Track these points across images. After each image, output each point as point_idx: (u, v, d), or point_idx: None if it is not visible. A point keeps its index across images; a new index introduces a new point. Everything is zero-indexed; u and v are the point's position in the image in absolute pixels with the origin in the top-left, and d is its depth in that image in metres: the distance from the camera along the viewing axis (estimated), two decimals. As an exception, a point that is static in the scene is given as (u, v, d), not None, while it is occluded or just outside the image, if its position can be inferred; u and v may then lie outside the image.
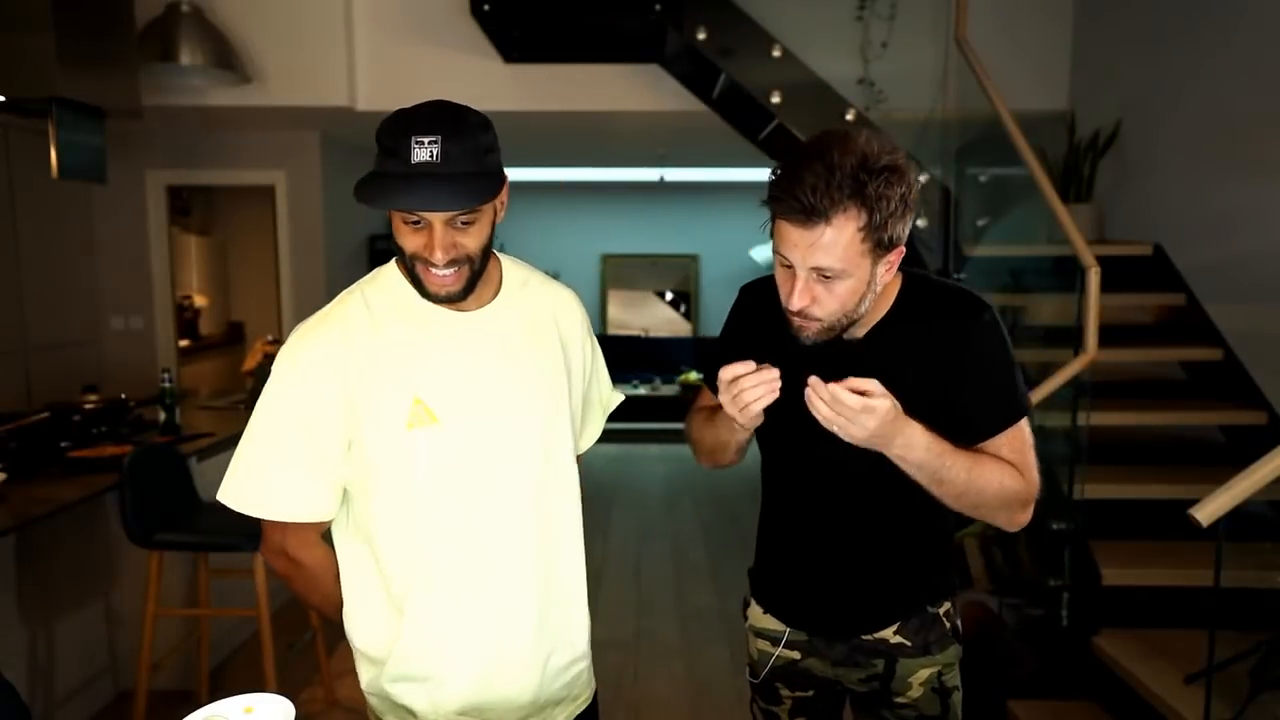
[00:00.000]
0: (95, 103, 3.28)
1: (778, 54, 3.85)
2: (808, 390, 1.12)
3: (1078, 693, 2.77)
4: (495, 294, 1.27)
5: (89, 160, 3.31)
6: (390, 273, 1.26)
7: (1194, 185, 3.63)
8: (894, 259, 1.20)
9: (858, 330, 1.28)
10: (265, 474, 1.18)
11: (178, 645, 2.95)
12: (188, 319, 6.64)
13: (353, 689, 3.07)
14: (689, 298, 9.19)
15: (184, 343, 6.07)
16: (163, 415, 3.17)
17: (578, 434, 1.37)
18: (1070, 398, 2.91)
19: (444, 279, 1.15)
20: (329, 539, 1.28)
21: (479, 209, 1.14)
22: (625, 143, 5.98)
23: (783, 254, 1.18)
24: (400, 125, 1.09)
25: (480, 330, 1.23)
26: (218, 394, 4.27)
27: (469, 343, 1.22)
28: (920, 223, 3.69)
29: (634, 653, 3.52)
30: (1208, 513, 2.00)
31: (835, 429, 1.12)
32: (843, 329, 1.23)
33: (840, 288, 1.17)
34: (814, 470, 1.36)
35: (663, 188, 8.35)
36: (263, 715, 0.97)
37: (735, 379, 1.16)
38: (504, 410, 1.23)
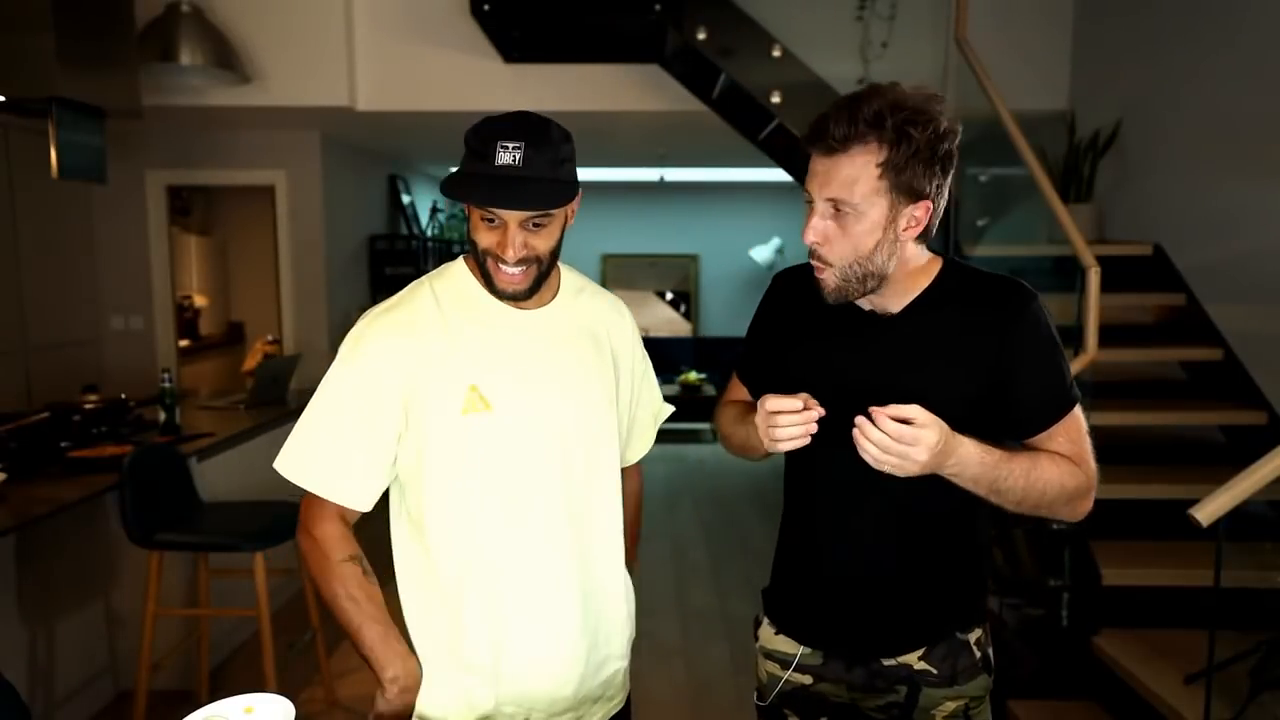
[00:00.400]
0: (95, 103, 3.28)
1: (778, 54, 3.85)
2: (855, 433, 1.08)
3: (1078, 693, 2.77)
4: (553, 297, 1.33)
5: (89, 160, 3.31)
6: (458, 268, 1.32)
7: (1194, 185, 3.63)
8: (920, 216, 1.17)
9: (892, 305, 1.24)
10: (315, 447, 1.24)
11: (178, 645, 2.95)
12: (188, 319, 6.64)
13: (353, 689, 3.09)
14: (689, 298, 9.18)
15: (184, 343, 6.07)
16: (163, 415, 3.17)
17: (624, 442, 1.41)
18: (1070, 398, 2.91)
19: (513, 276, 1.22)
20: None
21: (552, 213, 1.20)
22: (625, 143, 5.98)
23: (806, 189, 1.19)
24: (489, 131, 1.17)
25: (537, 328, 1.29)
26: (218, 394, 4.26)
27: (526, 338, 1.28)
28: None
29: (634, 653, 3.50)
30: (1208, 513, 2.00)
31: (887, 469, 1.08)
32: (861, 285, 1.19)
33: (855, 227, 1.15)
34: (843, 478, 1.26)
35: (663, 188, 8.36)
36: (263, 715, 0.97)
37: (775, 413, 1.15)
38: (553, 405, 1.27)
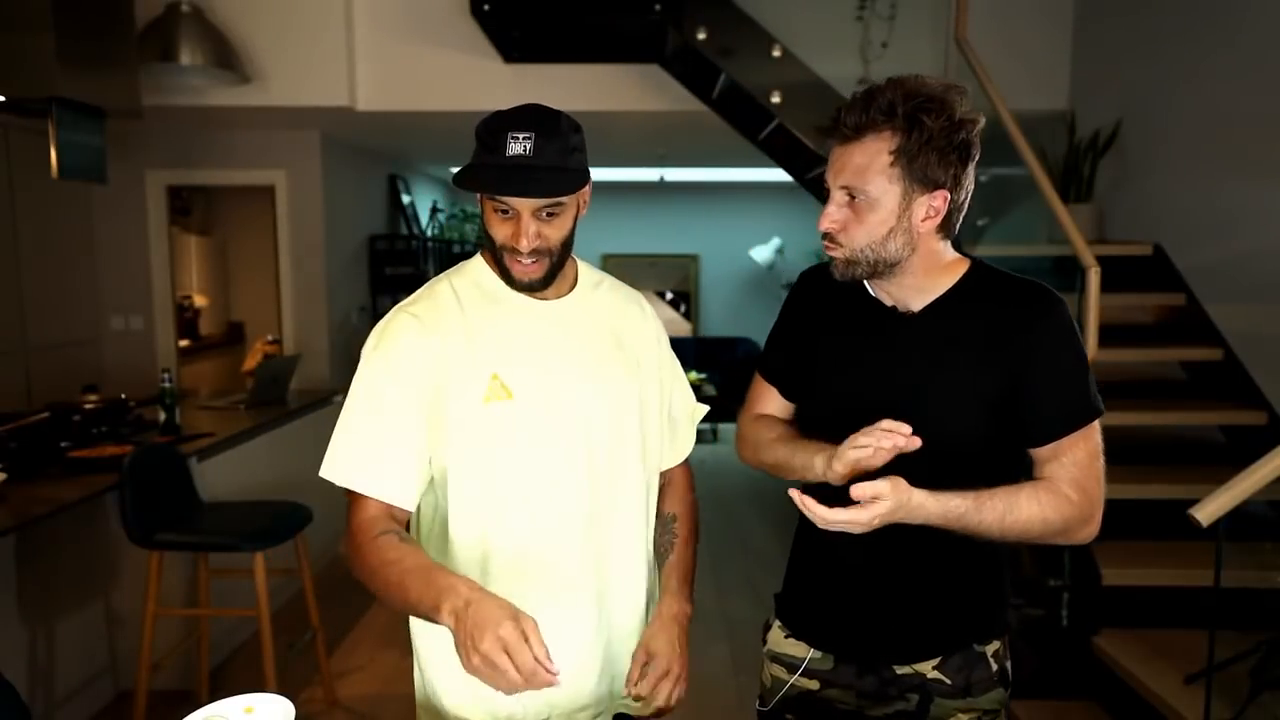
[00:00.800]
0: (95, 103, 3.28)
1: (778, 54, 3.85)
2: (797, 497, 1.12)
3: (1078, 693, 2.77)
4: (571, 288, 1.35)
5: (89, 160, 3.31)
6: (475, 263, 1.34)
7: (1194, 185, 3.63)
8: (938, 206, 1.16)
9: (915, 303, 1.24)
10: (350, 448, 1.24)
11: (178, 645, 2.95)
12: (188, 319, 6.64)
13: (353, 689, 3.09)
14: (689, 298, 9.18)
15: (184, 343, 6.07)
16: (163, 415, 3.17)
17: (651, 438, 1.37)
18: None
19: (527, 267, 1.23)
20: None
21: (563, 201, 1.22)
22: (625, 143, 5.98)
23: (826, 177, 1.22)
24: (499, 123, 1.19)
25: (556, 318, 1.31)
26: (218, 394, 4.26)
27: (545, 328, 1.29)
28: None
29: (634, 653, 3.51)
30: (1208, 513, 2.00)
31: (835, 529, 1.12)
32: (871, 269, 1.20)
33: (869, 215, 1.17)
34: (859, 475, 1.20)
35: (663, 188, 8.35)
36: (263, 715, 0.97)
37: (878, 428, 1.12)
38: (575, 393, 1.28)
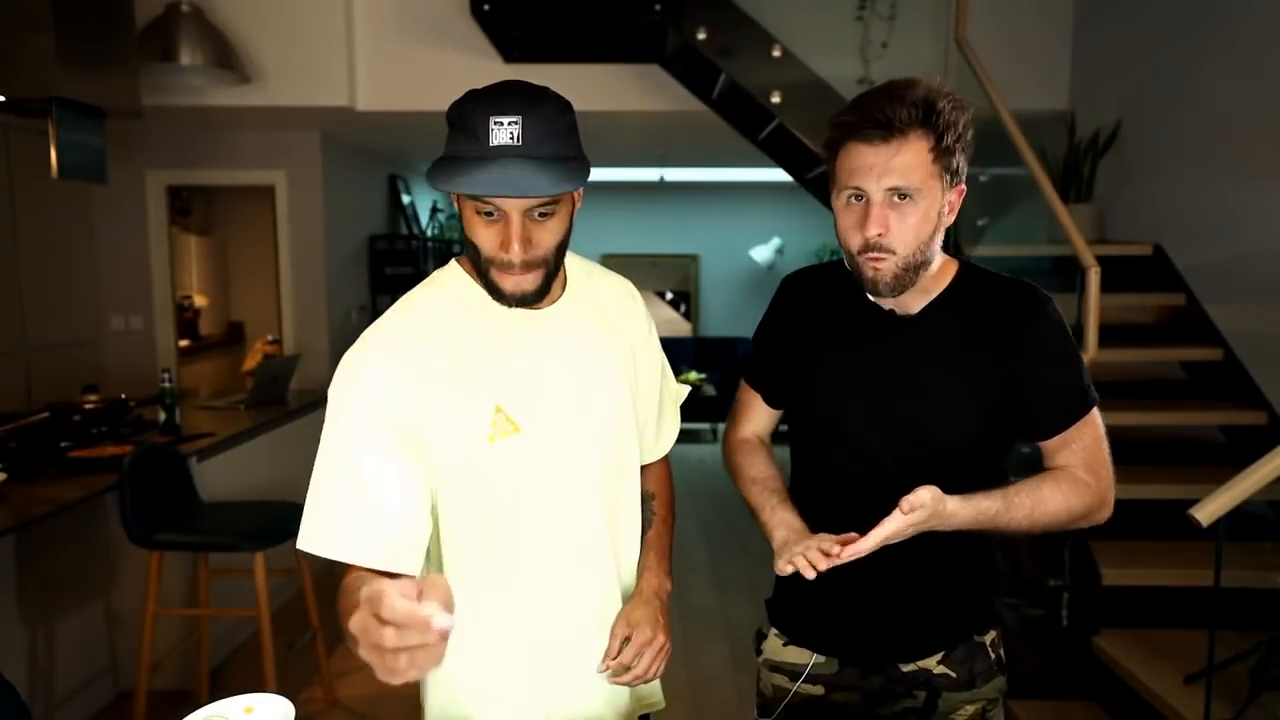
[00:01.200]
0: (95, 103, 3.28)
1: (778, 54, 3.85)
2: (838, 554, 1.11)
3: (1078, 693, 2.77)
4: (563, 289, 1.19)
5: (89, 160, 3.31)
6: (452, 273, 1.17)
7: (1194, 185, 3.63)
8: (955, 201, 1.19)
9: (913, 305, 1.24)
10: (325, 511, 1.06)
11: (178, 645, 2.95)
12: (188, 319, 6.64)
13: (353, 689, 3.09)
14: (689, 298, 9.18)
15: (184, 343, 6.07)
16: (163, 415, 3.17)
17: (653, 434, 1.33)
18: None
19: (519, 278, 1.07)
20: None
21: (559, 199, 1.05)
22: (625, 143, 5.98)
23: (853, 184, 1.15)
24: (477, 104, 1.02)
25: (553, 328, 1.16)
26: (218, 394, 4.26)
27: (544, 342, 1.14)
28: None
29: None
30: (1208, 513, 2.00)
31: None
32: (915, 275, 1.18)
33: (913, 214, 1.15)
34: (860, 484, 1.25)
35: (663, 188, 8.35)
36: (263, 715, 0.97)
37: (795, 552, 1.14)
38: (581, 410, 1.16)
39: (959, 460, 1.21)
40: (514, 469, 1.10)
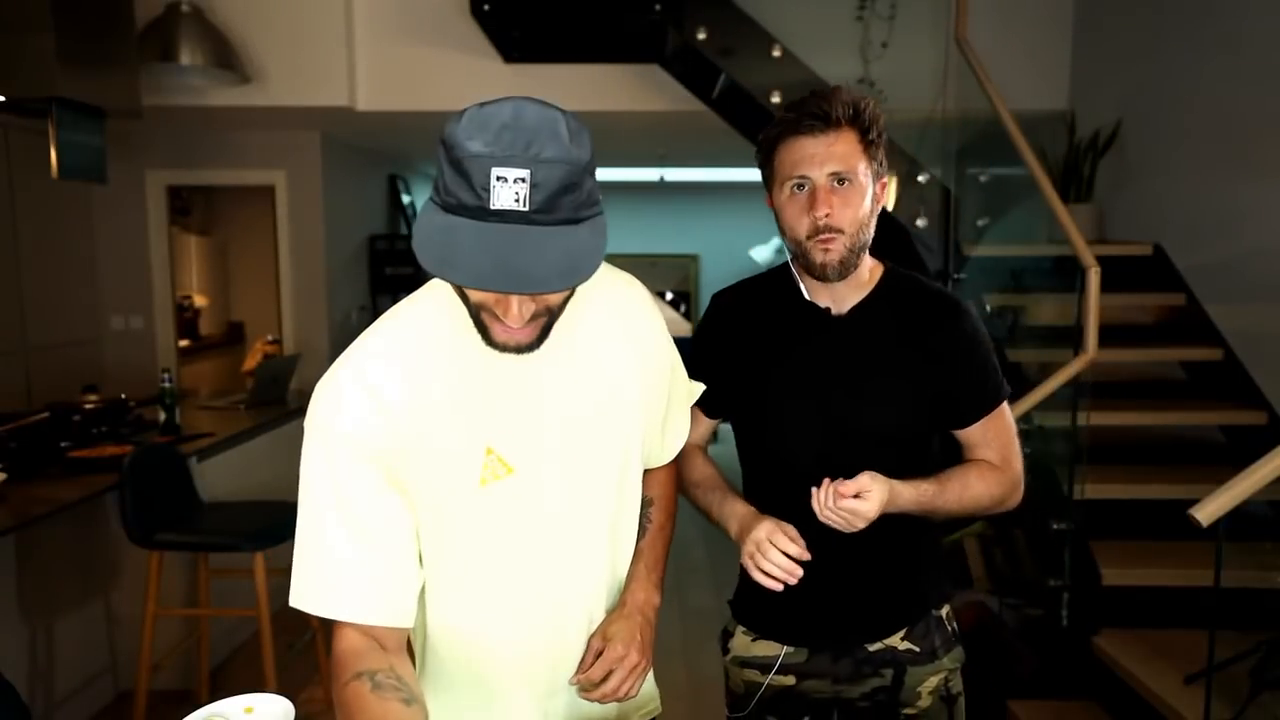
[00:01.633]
0: (95, 103, 3.28)
1: (778, 54, 3.85)
2: (814, 502, 1.20)
3: (1078, 693, 2.77)
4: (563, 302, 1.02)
5: (89, 160, 3.31)
6: (441, 292, 1.03)
7: (1194, 185, 3.63)
8: (880, 193, 1.31)
9: (845, 304, 1.35)
10: (308, 563, 0.99)
11: (178, 645, 2.95)
12: (188, 319, 6.64)
13: (353, 689, 3.08)
14: (689, 298, 9.19)
15: (184, 343, 6.07)
16: (163, 415, 3.17)
17: (649, 438, 1.22)
18: (1070, 398, 2.91)
19: (515, 332, 0.93)
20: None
21: None
22: (625, 143, 5.98)
23: (797, 174, 1.27)
24: (477, 143, 0.83)
25: (552, 356, 1.01)
26: (218, 394, 4.26)
27: (541, 373, 1.02)
28: (920, 223, 3.69)
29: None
30: (1208, 513, 2.00)
31: (837, 526, 1.21)
32: (858, 256, 1.29)
33: (854, 196, 1.26)
34: (807, 472, 1.29)
35: (663, 188, 8.36)
36: (263, 715, 0.97)
37: (767, 546, 1.22)
38: (581, 447, 1.07)
39: (899, 446, 1.34)
40: (507, 512, 1.03)
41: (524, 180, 0.83)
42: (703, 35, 3.80)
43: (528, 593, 1.08)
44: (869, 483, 1.18)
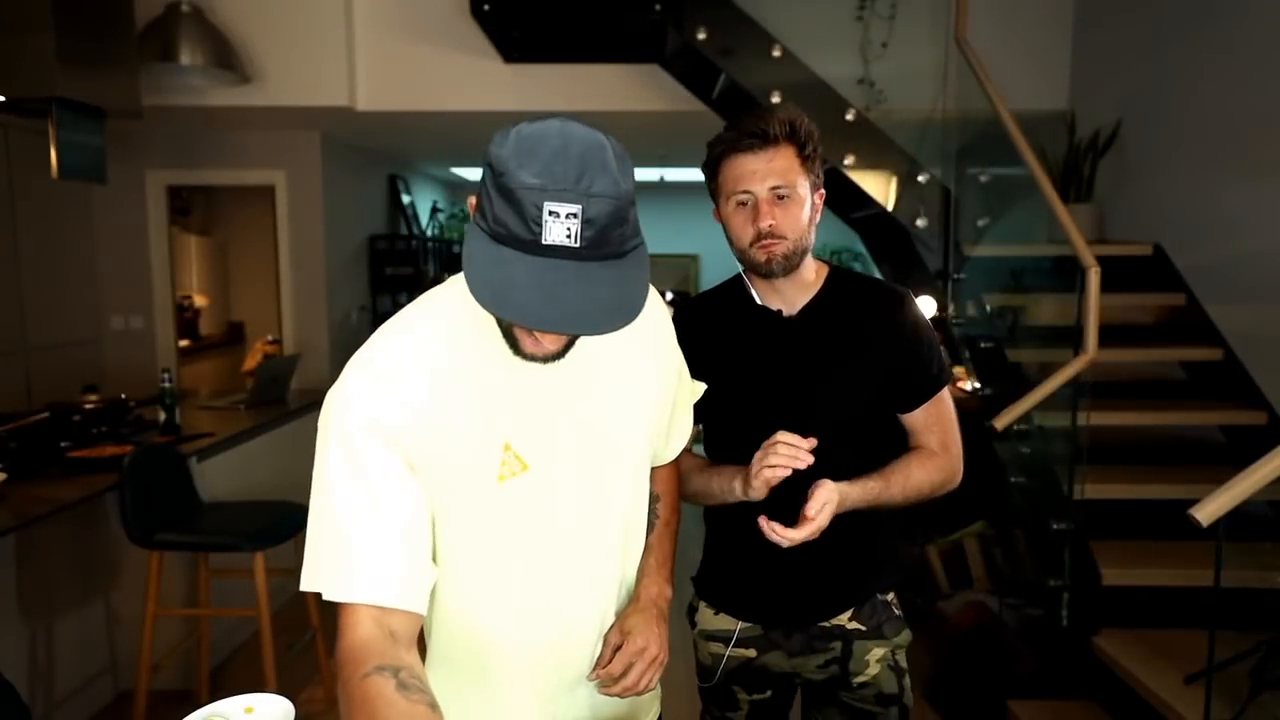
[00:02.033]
0: (95, 103, 3.28)
1: (778, 54, 3.85)
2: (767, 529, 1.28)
3: (1078, 693, 2.77)
4: None
5: (89, 160, 3.31)
6: (460, 292, 1.02)
7: (1194, 185, 3.63)
8: (818, 203, 1.40)
9: (794, 305, 1.45)
10: (321, 547, 0.97)
11: (178, 645, 2.95)
12: (188, 319, 6.64)
13: (353, 689, 3.08)
14: (689, 298, 9.20)
15: (184, 343, 6.07)
16: (163, 415, 3.16)
17: (666, 437, 1.27)
18: (1070, 398, 2.91)
19: (541, 345, 0.95)
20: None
21: None
22: (625, 143, 5.90)
23: (741, 189, 1.36)
24: (527, 174, 0.83)
25: (569, 352, 1.02)
26: (218, 394, 4.26)
27: (557, 371, 1.02)
28: (920, 223, 3.69)
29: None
30: (1208, 513, 2.00)
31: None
32: (800, 257, 1.39)
33: (794, 207, 1.36)
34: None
35: (663, 188, 8.36)
36: (263, 715, 0.97)
37: (779, 443, 1.28)
38: (596, 441, 1.09)
39: (855, 435, 1.43)
40: (521, 510, 1.04)
41: (575, 216, 0.83)
42: (703, 35, 3.80)
43: (540, 589, 1.09)
44: (826, 495, 1.29)
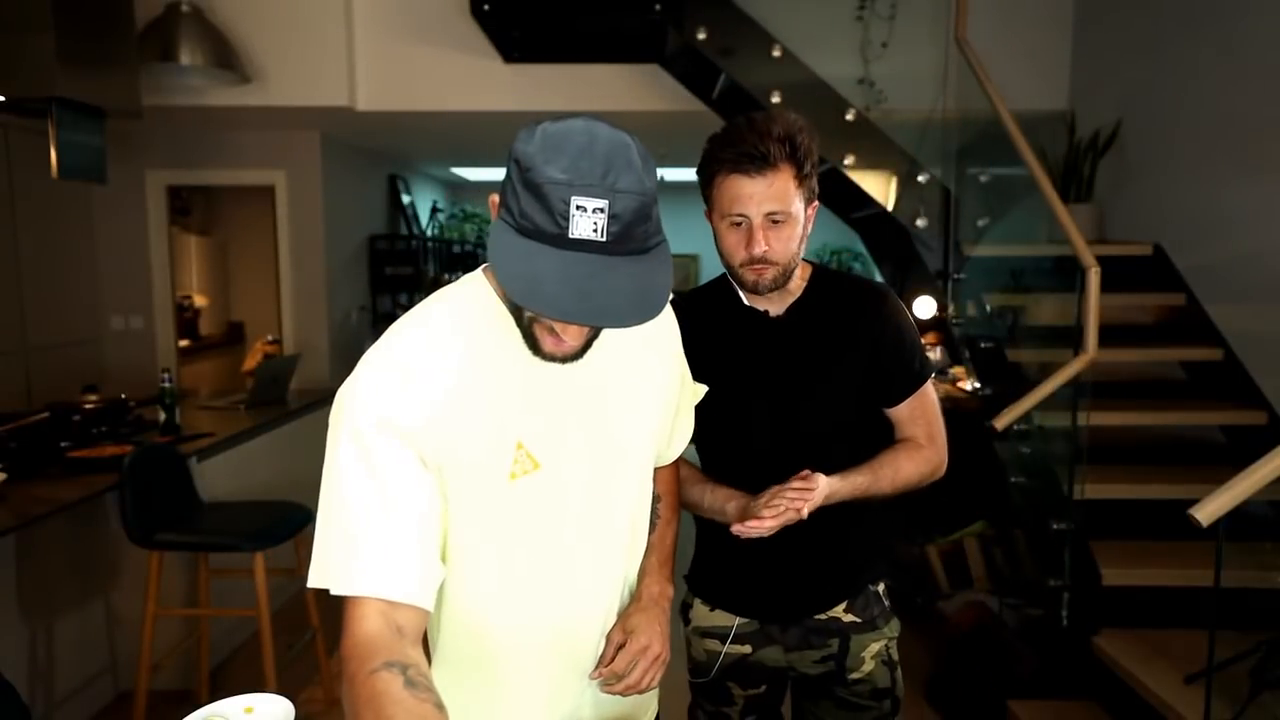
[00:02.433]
0: (95, 103, 3.28)
1: (778, 54, 3.85)
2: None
3: (1078, 693, 2.77)
4: None
5: (89, 160, 3.31)
6: (478, 289, 1.04)
7: (1194, 185, 3.63)
8: (811, 215, 1.39)
9: (780, 306, 1.46)
10: (329, 541, 0.96)
11: (178, 645, 2.95)
12: (188, 319, 6.64)
13: (353, 689, 3.08)
14: (677, 296, 9.18)
15: (184, 343, 6.07)
16: (163, 415, 3.16)
17: (668, 439, 1.28)
18: (1070, 398, 2.91)
19: (566, 345, 0.97)
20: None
21: None
22: (625, 143, 5.97)
23: (734, 212, 1.35)
24: (554, 170, 0.84)
25: (586, 355, 1.03)
26: (218, 394, 4.26)
27: (569, 372, 1.03)
28: (920, 223, 3.69)
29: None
30: (1208, 513, 2.00)
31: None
32: (788, 278, 1.40)
33: (786, 231, 1.35)
34: (759, 459, 1.44)
35: (663, 188, 8.30)
36: (263, 715, 0.97)
37: (781, 492, 1.30)
38: (606, 441, 1.09)
39: (843, 431, 1.46)
40: (533, 509, 1.04)
41: (602, 211, 0.85)
42: (703, 35, 3.80)
43: (548, 587, 1.09)
44: (824, 487, 1.31)
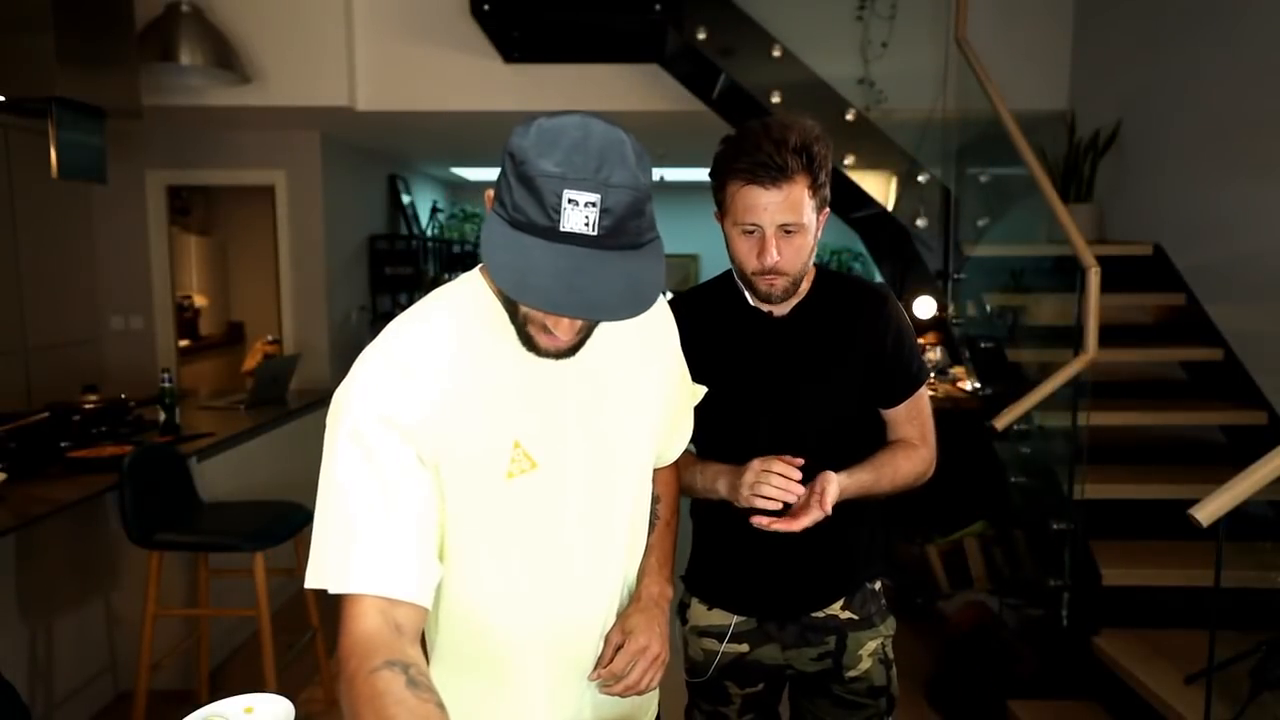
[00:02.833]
0: (95, 103, 3.28)
1: (778, 54, 3.85)
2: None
3: (1078, 693, 2.77)
4: None
5: (89, 160, 3.31)
6: (475, 287, 1.05)
7: (1194, 185, 3.63)
8: (822, 220, 1.40)
9: (788, 307, 1.47)
10: (328, 539, 0.95)
11: (178, 645, 2.95)
12: (188, 319, 6.64)
13: (353, 689, 3.08)
14: (680, 293, 9.18)
15: (184, 343, 6.07)
16: (163, 415, 3.16)
17: (666, 440, 1.28)
18: (1070, 398, 2.91)
19: (559, 342, 0.97)
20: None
21: None
22: (625, 143, 5.97)
23: (748, 221, 1.34)
24: (548, 163, 0.84)
25: (580, 355, 1.03)
26: (218, 394, 4.26)
27: (567, 371, 1.03)
28: (920, 223, 3.69)
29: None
30: (1208, 513, 2.00)
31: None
32: (798, 286, 1.42)
33: (798, 241, 1.35)
34: (759, 455, 1.42)
35: (663, 188, 8.36)
36: (263, 715, 0.97)
37: (765, 475, 1.31)
38: (604, 441, 1.09)
39: (844, 430, 1.48)
40: (530, 508, 1.04)
41: (594, 205, 0.84)
42: (703, 35, 3.80)
43: (546, 587, 1.08)
44: (835, 492, 1.31)
